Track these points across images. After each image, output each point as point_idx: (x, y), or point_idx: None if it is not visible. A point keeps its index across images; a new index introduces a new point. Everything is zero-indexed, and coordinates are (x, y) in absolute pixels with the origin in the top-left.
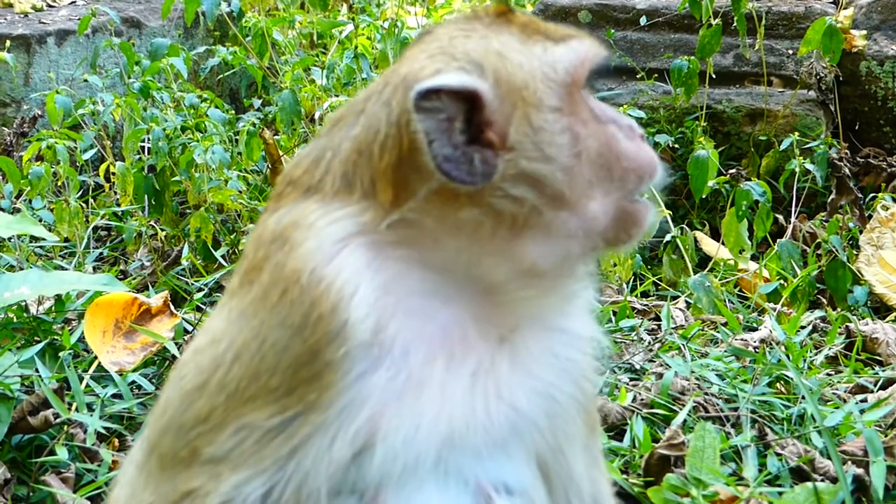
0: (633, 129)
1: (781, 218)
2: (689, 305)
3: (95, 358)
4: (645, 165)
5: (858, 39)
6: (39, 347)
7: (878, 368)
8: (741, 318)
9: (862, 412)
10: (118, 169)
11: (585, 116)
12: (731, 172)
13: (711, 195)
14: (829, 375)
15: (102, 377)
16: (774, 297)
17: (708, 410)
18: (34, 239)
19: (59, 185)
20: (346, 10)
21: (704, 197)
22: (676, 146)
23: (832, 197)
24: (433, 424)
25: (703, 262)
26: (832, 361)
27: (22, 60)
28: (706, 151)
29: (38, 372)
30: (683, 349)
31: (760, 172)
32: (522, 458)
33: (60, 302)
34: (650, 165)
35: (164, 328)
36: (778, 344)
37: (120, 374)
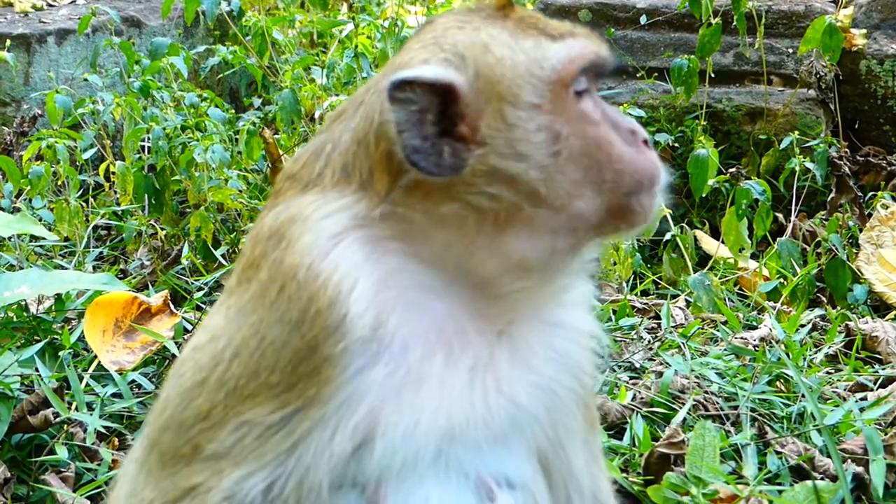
0: (634, 133)
1: (781, 217)
2: (688, 304)
3: (95, 357)
4: (642, 170)
5: (858, 38)
6: (39, 347)
7: (877, 367)
8: (741, 316)
9: (862, 410)
10: (118, 168)
11: (572, 116)
12: (731, 171)
13: (711, 194)
14: (828, 374)
15: (102, 376)
16: (774, 295)
17: (708, 409)
18: (34, 238)
19: (59, 184)
20: (346, 9)
21: (704, 196)
22: (676, 145)
23: (832, 195)
24: (433, 419)
25: (703, 260)
26: (832, 360)
27: (22, 60)
28: (706, 150)
29: (37, 371)
30: (683, 348)
31: (760, 171)
32: (523, 452)
33: (60, 301)
34: (648, 171)
35: (164, 327)
36: (778, 342)
37: (120, 373)
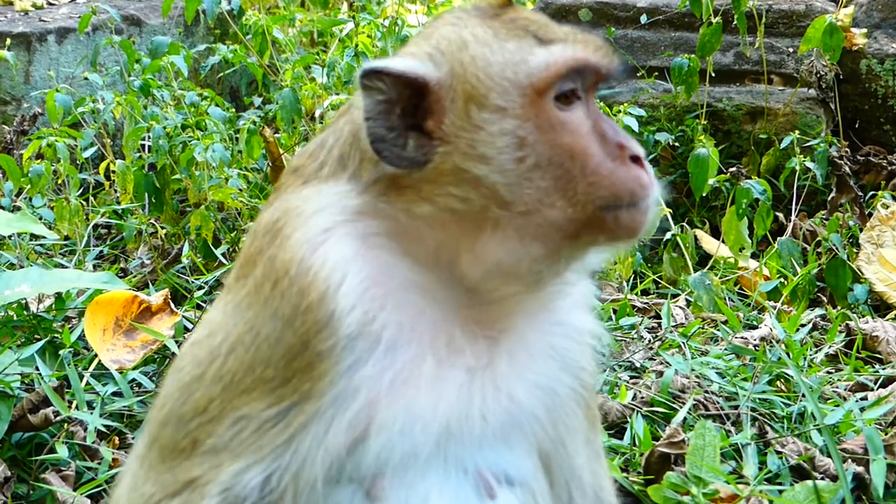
0: (622, 147)
1: (782, 216)
2: (689, 303)
3: (95, 356)
4: (618, 185)
5: (859, 37)
6: (40, 345)
7: (878, 366)
8: (741, 316)
9: (862, 410)
10: (118, 167)
11: (546, 123)
12: (731, 170)
13: (712, 193)
14: (829, 373)
15: (103, 375)
16: (774, 295)
17: (708, 408)
18: (34, 237)
19: (59, 183)
20: (346, 8)
21: (705, 195)
22: (677, 144)
23: (832, 195)
24: (429, 416)
25: (703, 260)
26: (832, 359)
27: (22, 58)
28: (706, 150)
29: (38, 370)
30: (684, 347)
31: (761, 170)
32: (524, 449)
33: (61, 300)
34: (626, 187)
35: (164, 326)
36: (778, 342)
37: (120, 371)
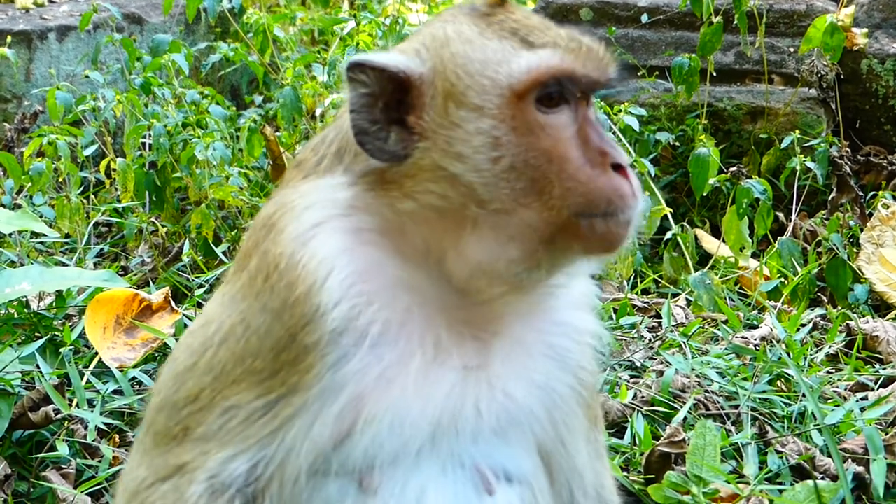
0: (604, 154)
1: (782, 216)
2: (689, 303)
3: (96, 354)
4: (595, 192)
5: (859, 37)
6: (40, 343)
7: (878, 366)
8: (742, 315)
9: (862, 410)
10: (119, 165)
11: (525, 125)
12: (731, 170)
13: (712, 193)
14: (829, 373)
15: (103, 373)
16: (775, 294)
17: (708, 408)
18: (35, 235)
19: (59, 181)
20: (347, 6)
21: (705, 194)
22: (677, 144)
23: (833, 195)
24: (419, 412)
25: (703, 259)
26: (832, 359)
27: (23, 56)
28: (707, 149)
29: (38, 368)
30: (684, 347)
31: (761, 170)
32: (523, 447)
33: (61, 298)
34: (603, 194)
35: (164, 324)
36: (778, 342)
37: (121, 370)
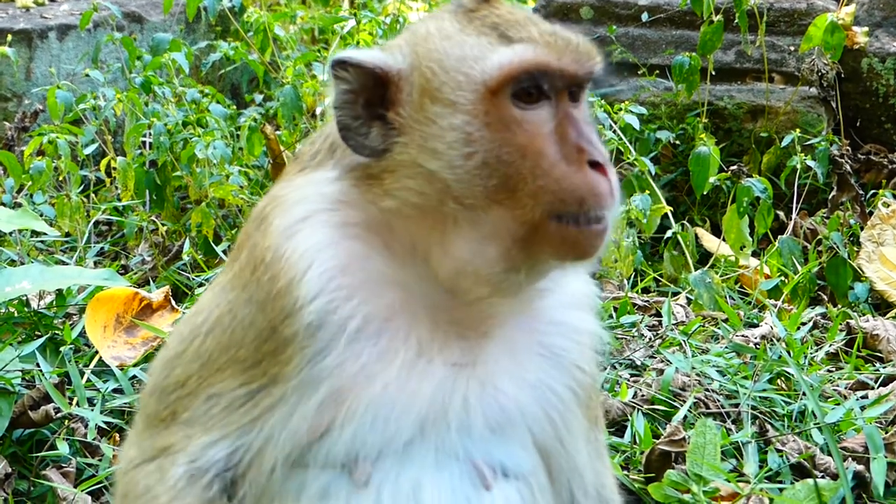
0: (581, 151)
1: (782, 214)
2: (689, 302)
3: (96, 353)
4: (569, 189)
5: (860, 36)
6: (40, 342)
7: (878, 365)
8: (742, 314)
9: (862, 409)
10: (119, 164)
11: (499, 121)
12: (732, 169)
13: (712, 191)
14: (829, 372)
15: (103, 372)
16: (775, 293)
17: (709, 407)
18: (35, 234)
19: (60, 179)
20: (347, 5)
21: (705, 193)
22: (678, 142)
23: (833, 194)
24: (403, 407)
25: (703, 258)
26: (833, 358)
27: (23, 55)
28: (707, 148)
29: (38, 366)
30: (684, 345)
31: (761, 169)
32: (520, 444)
33: (61, 297)
34: (576, 191)
35: (165, 323)
36: (779, 340)
37: (121, 368)
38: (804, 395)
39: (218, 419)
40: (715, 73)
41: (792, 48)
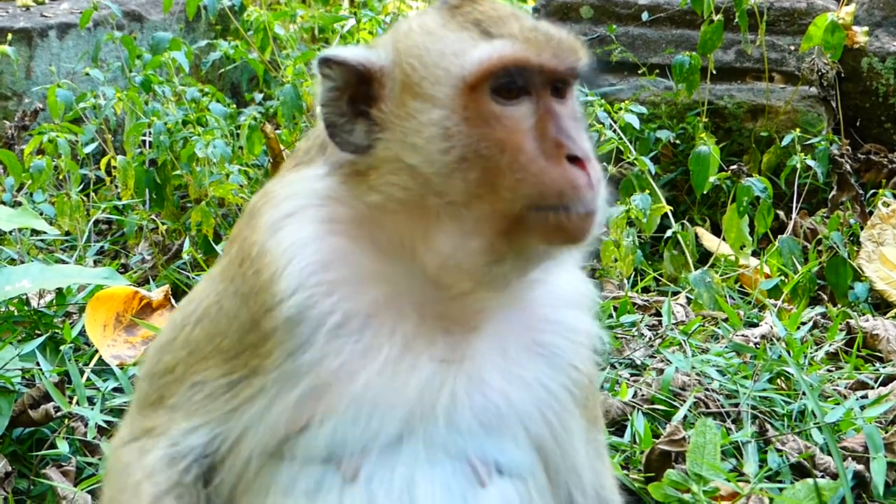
0: (560, 146)
1: (782, 214)
2: (689, 301)
3: (96, 351)
4: (546, 184)
5: (860, 36)
6: (40, 341)
7: (878, 365)
8: (742, 314)
9: (862, 408)
10: (119, 163)
11: (478, 116)
12: (732, 168)
13: (712, 191)
14: (829, 372)
15: (103, 371)
16: (775, 293)
17: (709, 406)
18: (35, 232)
19: (60, 178)
20: (347, 4)
21: (705, 193)
22: (678, 142)
23: (833, 193)
24: (388, 403)
25: (703, 257)
26: (833, 358)
27: (23, 54)
28: (707, 147)
29: (38, 365)
30: (684, 345)
31: (761, 168)
32: (515, 442)
33: (61, 295)
34: (554, 186)
35: (164, 322)
36: (779, 340)
37: (121, 367)
38: (804, 394)
39: (200, 406)
40: (715, 72)
41: (792, 48)
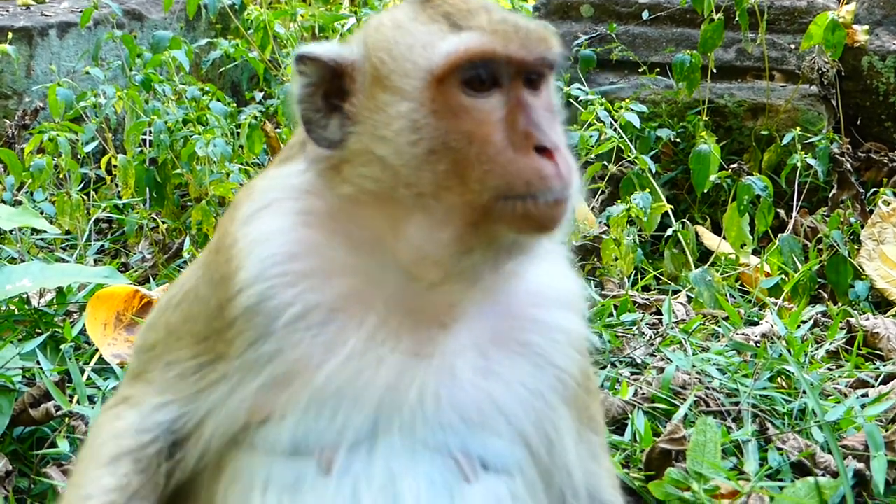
0: (529, 137)
1: (783, 213)
2: (690, 300)
3: (97, 350)
4: (514, 174)
5: (860, 34)
6: (41, 340)
7: (878, 363)
8: (742, 312)
9: (863, 407)
10: (120, 161)
11: (446, 109)
12: (732, 167)
13: (713, 189)
14: (829, 370)
15: (104, 369)
16: (775, 291)
17: (709, 405)
18: (36, 231)
19: (60, 177)
20: (347, 3)
21: (706, 191)
22: (678, 140)
23: (833, 192)
24: (354, 398)
25: (704, 256)
26: (833, 356)
27: (24, 52)
28: (708, 146)
29: (39, 364)
30: (685, 343)
31: (762, 167)
32: (500, 437)
33: (62, 294)
34: (522, 176)
35: None
36: (779, 338)
37: (121, 366)
38: (804, 393)
39: (171, 384)
40: (715, 71)
41: (792, 46)
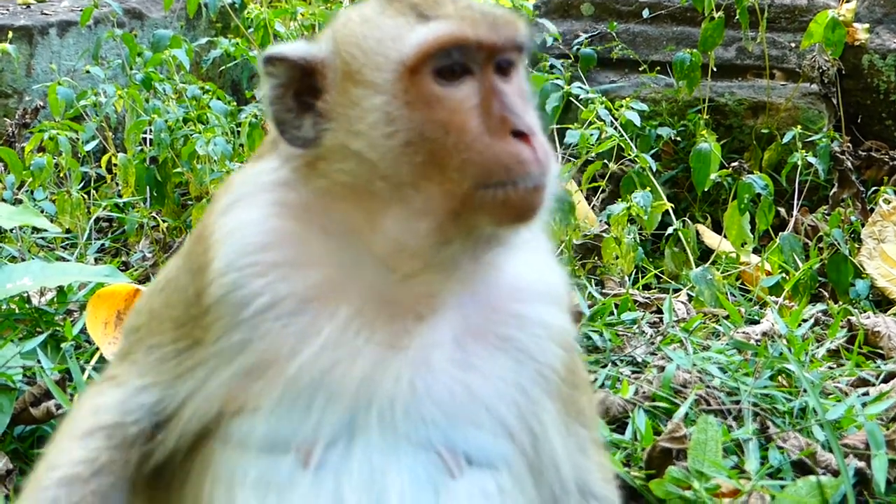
0: (505, 122)
1: (783, 211)
2: (690, 298)
3: (97, 349)
4: (491, 161)
5: (861, 33)
6: (41, 339)
7: (879, 362)
8: (743, 311)
9: (864, 405)
10: (120, 160)
11: (420, 100)
12: (733, 165)
13: (713, 188)
14: (830, 369)
15: (104, 368)
16: (776, 290)
17: (710, 403)
18: (36, 230)
19: (60, 176)
20: (347, 2)
21: (706, 190)
22: (679, 139)
23: (834, 190)
24: (328, 391)
25: (704, 255)
26: (834, 355)
27: (24, 51)
28: (708, 144)
29: (40, 363)
30: (685, 342)
31: (762, 165)
32: (480, 431)
33: (62, 293)
34: (501, 162)
35: None
36: (780, 337)
37: None
38: (805, 391)
39: (152, 367)
40: (716, 69)
41: (793, 45)
